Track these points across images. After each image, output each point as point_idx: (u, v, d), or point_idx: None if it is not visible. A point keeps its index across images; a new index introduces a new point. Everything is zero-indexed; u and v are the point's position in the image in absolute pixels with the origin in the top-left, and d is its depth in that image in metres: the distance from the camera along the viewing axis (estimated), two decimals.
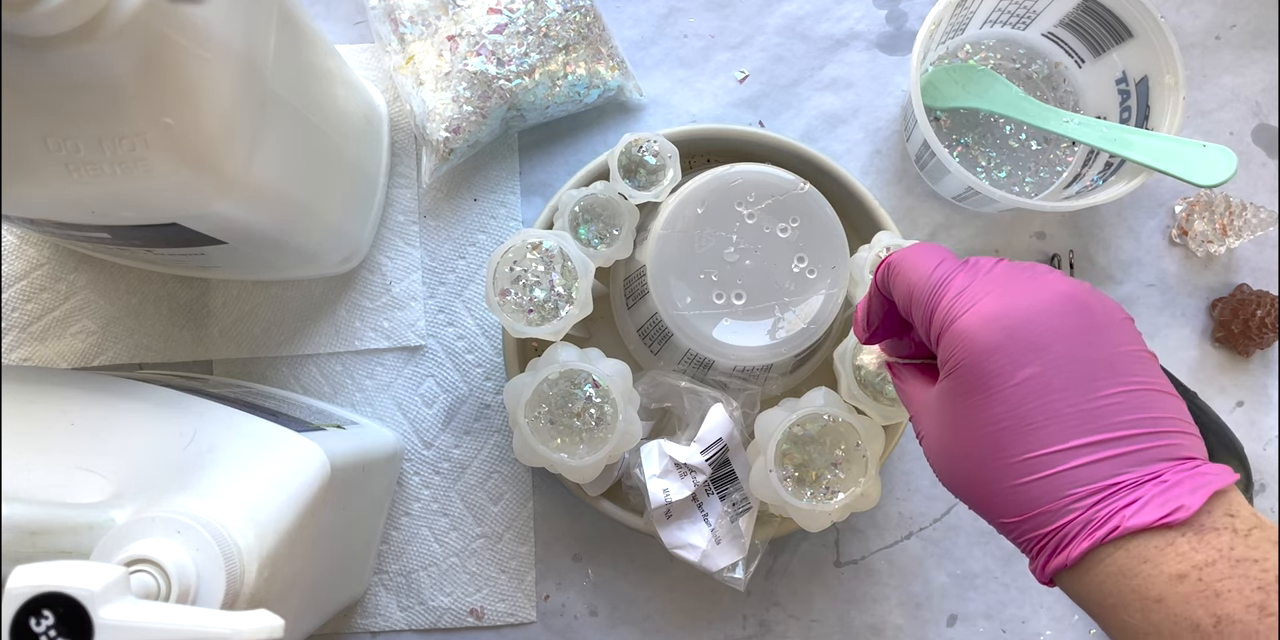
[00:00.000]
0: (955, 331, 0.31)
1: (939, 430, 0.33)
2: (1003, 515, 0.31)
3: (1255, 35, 0.62)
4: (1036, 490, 0.30)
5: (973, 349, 0.31)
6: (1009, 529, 0.31)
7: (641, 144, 0.51)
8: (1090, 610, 0.30)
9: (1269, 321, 0.57)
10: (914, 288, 0.34)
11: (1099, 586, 0.29)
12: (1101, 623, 0.30)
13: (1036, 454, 0.30)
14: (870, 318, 0.39)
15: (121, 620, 0.28)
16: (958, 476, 0.32)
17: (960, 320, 0.31)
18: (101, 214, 0.40)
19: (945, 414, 0.33)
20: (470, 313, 0.59)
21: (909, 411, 0.37)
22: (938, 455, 0.33)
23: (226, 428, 0.42)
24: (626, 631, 0.57)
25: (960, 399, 0.32)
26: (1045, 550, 0.30)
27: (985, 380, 0.31)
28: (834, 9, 0.62)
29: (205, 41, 0.35)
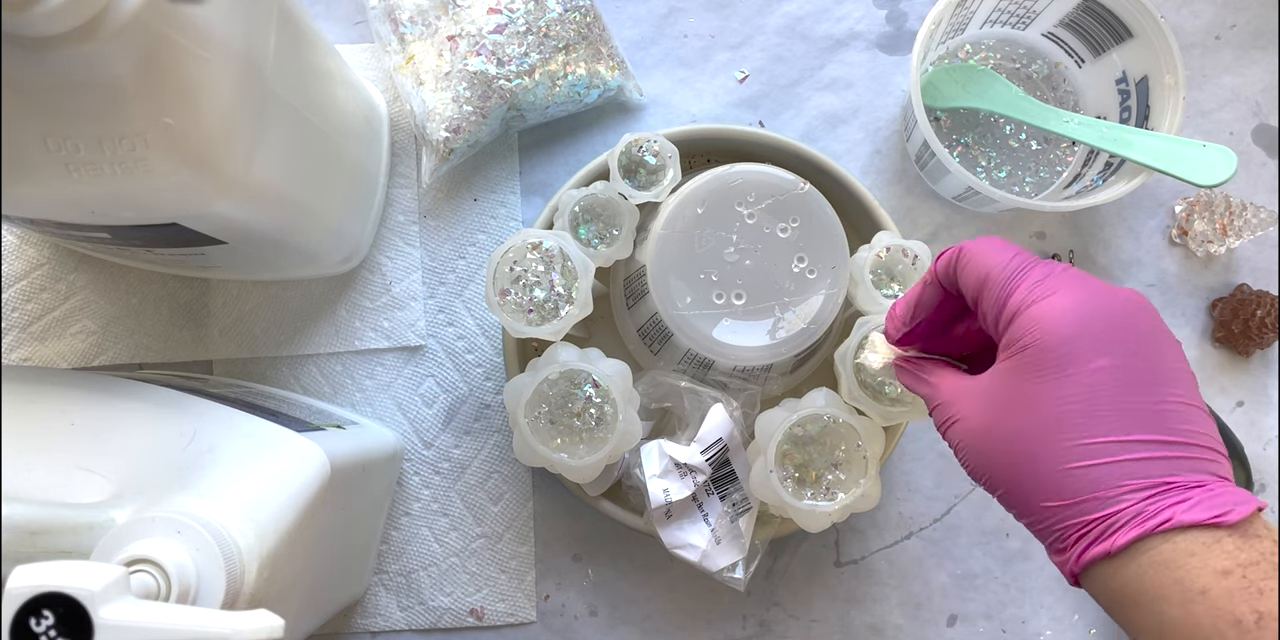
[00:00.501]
0: (1033, 315, 0.32)
1: (985, 411, 0.33)
2: (1047, 498, 0.31)
3: (1255, 35, 0.62)
4: (1091, 476, 0.30)
5: (1050, 332, 0.32)
6: (1047, 514, 0.31)
7: (641, 144, 0.51)
8: (1120, 603, 0.30)
9: (1269, 321, 0.57)
10: (991, 271, 0.35)
11: (1139, 577, 0.29)
12: (1130, 617, 0.30)
13: (1097, 441, 0.30)
14: (917, 310, 0.39)
15: (121, 620, 0.28)
16: (1001, 456, 0.33)
17: (1040, 305, 0.32)
18: (101, 214, 0.40)
19: (1000, 394, 0.33)
20: (470, 313, 0.59)
21: (934, 400, 0.37)
22: (980, 435, 0.34)
23: (226, 428, 0.42)
24: (626, 631, 0.57)
25: (1027, 378, 0.32)
26: (1087, 537, 0.30)
27: (1060, 363, 0.31)
28: (834, 9, 0.62)
29: (205, 41, 0.35)
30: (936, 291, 0.38)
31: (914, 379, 0.39)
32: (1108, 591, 0.31)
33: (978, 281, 0.35)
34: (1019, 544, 0.58)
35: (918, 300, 0.38)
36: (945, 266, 0.37)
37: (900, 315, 0.39)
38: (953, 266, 0.37)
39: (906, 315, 0.39)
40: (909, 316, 0.39)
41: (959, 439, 0.35)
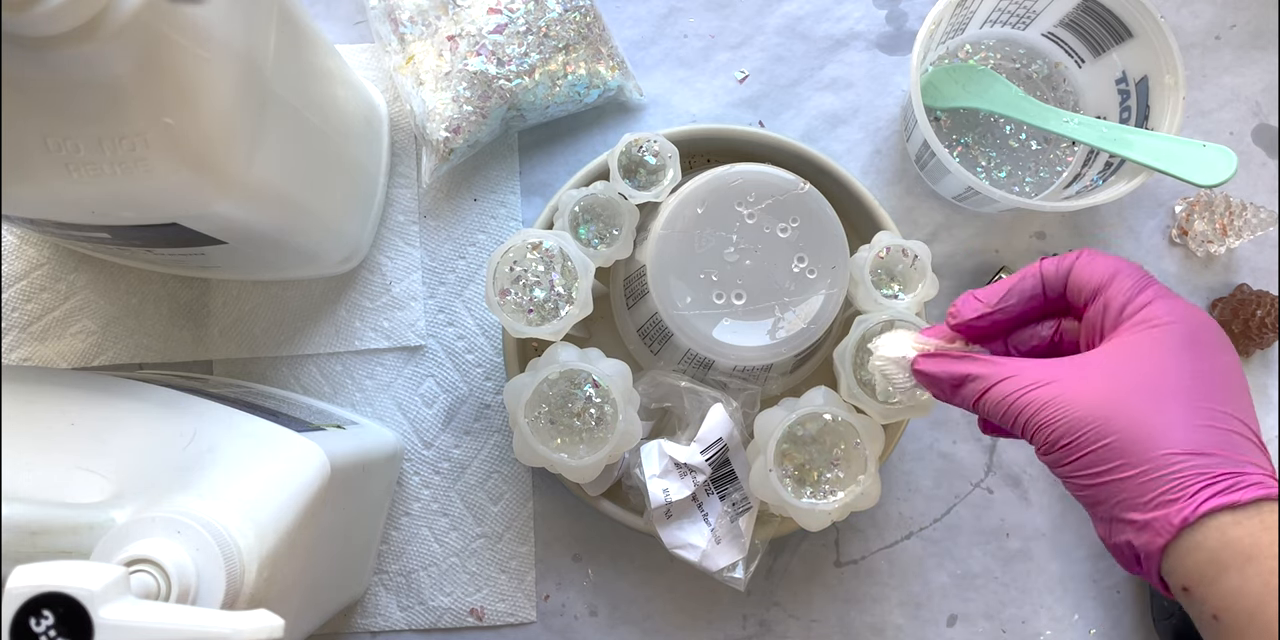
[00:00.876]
0: (1173, 305, 0.36)
1: (1100, 372, 0.36)
2: (1172, 446, 0.33)
3: (1255, 35, 0.62)
4: (1220, 436, 0.33)
5: (1188, 320, 0.36)
6: (1169, 462, 0.33)
7: (641, 144, 0.51)
8: (1229, 557, 0.32)
9: (1269, 321, 0.57)
10: (1122, 269, 0.38)
11: (1257, 531, 0.31)
12: (1241, 571, 0.31)
13: (1228, 411, 0.34)
14: (1008, 295, 0.40)
15: (121, 620, 0.28)
16: (1124, 409, 0.34)
17: (1174, 300, 0.37)
18: (101, 214, 0.40)
19: (1122, 359, 0.36)
20: (470, 313, 0.59)
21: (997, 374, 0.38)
22: (1093, 391, 0.35)
23: (226, 428, 0.42)
24: (626, 631, 0.57)
25: (1160, 349, 0.35)
26: (1213, 487, 0.32)
27: (1202, 344, 0.35)
28: (834, 9, 0.62)
29: (205, 41, 0.35)
30: (1035, 284, 0.40)
31: (954, 362, 0.40)
32: (1219, 543, 0.32)
33: (1108, 272, 0.38)
34: (1019, 544, 0.58)
35: (1013, 287, 0.40)
36: (1058, 265, 0.39)
37: (986, 297, 0.40)
38: (1066, 267, 0.39)
39: (994, 298, 0.40)
40: (997, 300, 0.40)
41: (1062, 393, 0.36)
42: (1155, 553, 0.33)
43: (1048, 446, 0.36)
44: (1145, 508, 0.33)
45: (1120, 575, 0.59)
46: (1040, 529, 0.58)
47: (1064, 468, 0.36)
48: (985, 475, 0.59)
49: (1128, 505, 0.34)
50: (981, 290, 0.41)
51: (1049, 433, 0.35)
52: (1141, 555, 0.34)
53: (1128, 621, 0.58)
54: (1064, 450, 0.35)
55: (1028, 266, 0.40)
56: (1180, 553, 0.33)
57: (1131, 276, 0.37)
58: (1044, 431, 0.35)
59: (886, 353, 0.42)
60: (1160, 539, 0.33)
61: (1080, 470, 0.35)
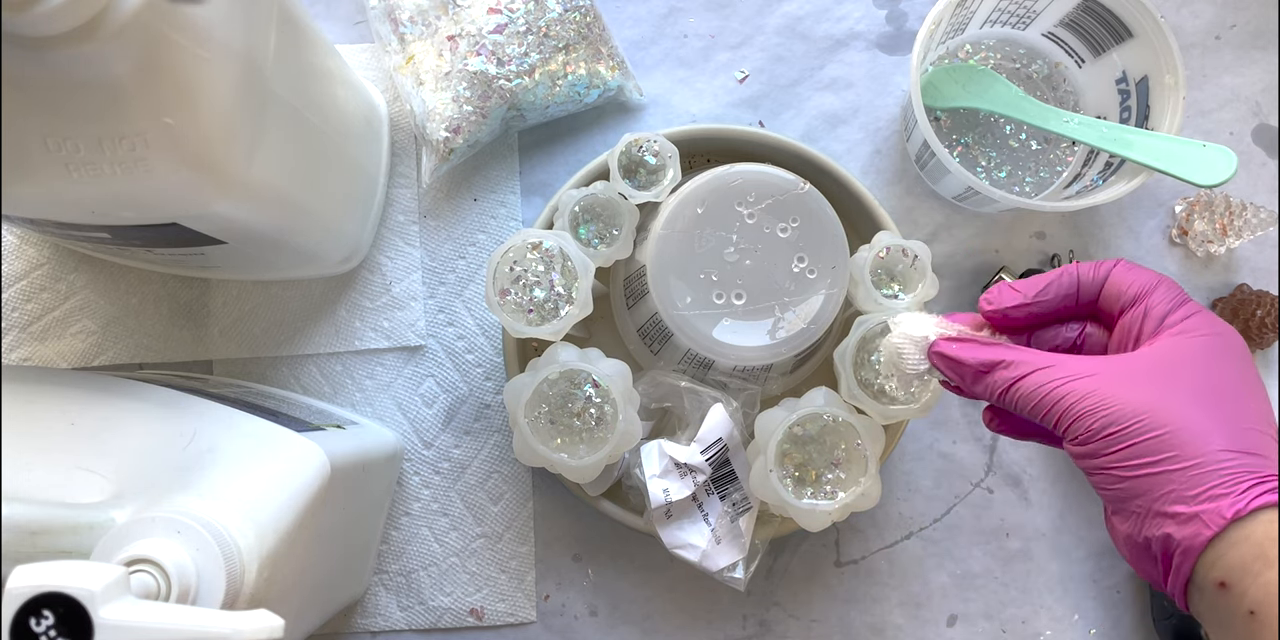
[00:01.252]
0: (1216, 320, 0.38)
1: (1152, 368, 0.36)
2: (1224, 443, 0.34)
3: (1255, 35, 0.62)
4: (1265, 441, 0.34)
5: (1230, 335, 0.38)
6: (1222, 458, 0.33)
7: (641, 144, 0.51)
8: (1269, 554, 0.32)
9: (1269, 321, 0.57)
10: (1164, 280, 0.39)
11: None
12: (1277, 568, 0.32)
13: (1267, 421, 0.35)
14: (1047, 289, 0.40)
15: (121, 620, 0.28)
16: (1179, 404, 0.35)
17: (1215, 316, 0.38)
18: (101, 214, 0.40)
19: (1173, 359, 0.37)
20: (470, 313, 0.59)
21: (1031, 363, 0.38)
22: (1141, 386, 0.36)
23: (226, 428, 0.42)
24: (626, 631, 0.57)
25: (1209, 354, 0.37)
26: (1263, 485, 0.33)
27: (1240, 358, 0.37)
28: (834, 9, 0.62)
29: (205, 41, 0.35)
30: (1072, 283, 0.40)
31: (984, 348, 0.40)
32: (1266, 537, 0.32)
33: (1149, 281, 0.39)
34: (1019, 544, 0.58)
35: (1051, 282, 0.40)
36: (1096, 270, 0.40)
37: (1024, 288, 0.40)
38: (1103, 273, 0.40)
39: (1032, 291, 0.40)
40: (1035, 293, 0.40)
41: (1105, 385, 0.36)
42: (1199, 546, 0.33)
43: (1088, 435, 0.35)
44: (1194, 501, 0.33)
45: (1120, 575, 0.59)
46: (1040, 529, 0.58)
47: (1103, 458, 0.35)
48: (985, 475, 0.59)
49: (1173, 498, 0.33)
50: (1018, 282, 0.41)
51: (1092, 421, 0.35)
52: (1180, 549, 0.33)
53: (1128, 621, 0.58)
54: (1107, 439, 0.35)
55: (1063, 266, 0.41)
56: (1224, 546, 0.32)
57: (1173, 289, 0.39)
58: (1087, 420, 0.35)
59: (908, 330, 0.42)
60: (1208, 531, 0.32)
61: (1122, 461, 0.35)
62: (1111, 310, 0.40)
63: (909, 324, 0.42)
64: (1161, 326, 0.38)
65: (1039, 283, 0.40)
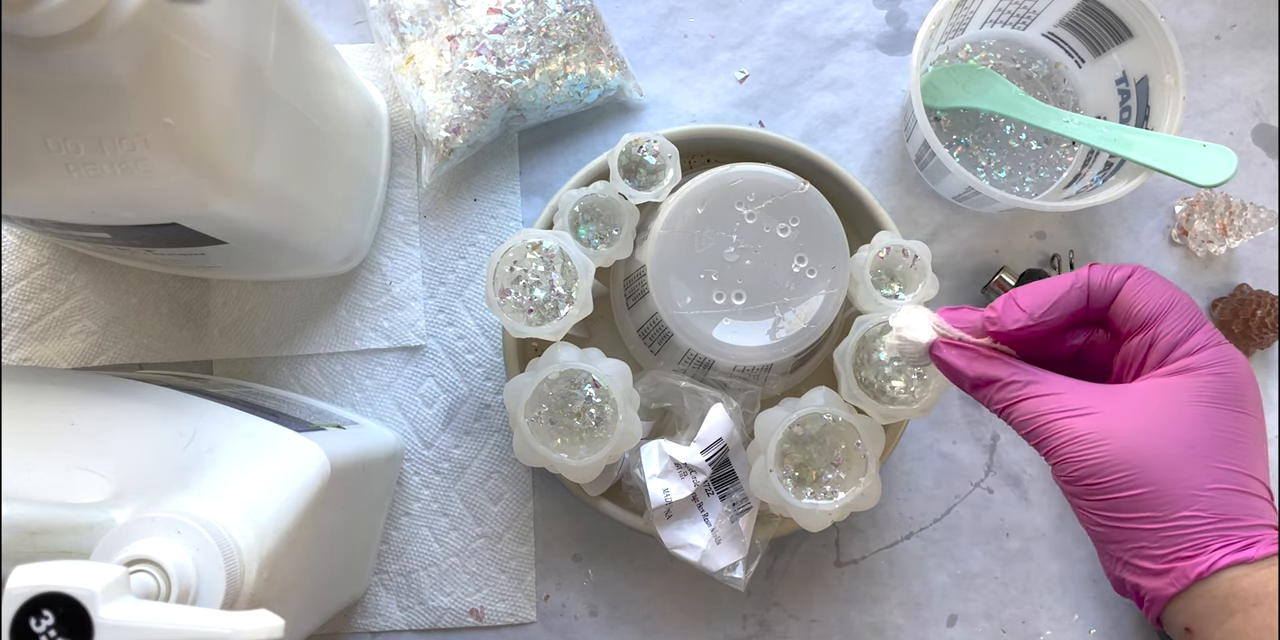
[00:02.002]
0: (1226, 353, 0.37)
1: (1147, 414, 0.36)
2: (1199, 507, 0.34)
3: (1255, 35, 0.62)
4: (1242, 501, 0.34)
5: (1238, 372, 0.36)
6: (1190, 520, 0.34)
7: (641, 144, 0.51)
8: (1238, 603, 0.33)
9: (1269, 321, 0.57)
10: (1179, 301, 0.38)
11: (1266, 582, 0.33)
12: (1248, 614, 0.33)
13: (1252, 474, 0.35)
14: (1053, 308, 0.39)
15: (121, 620, 0.28)
16: (1164, 458, 0.35)
17: (1227, 347, 0.37)
18: (101, 214, 0.40)
19: (1166, 404, 0.36)
20: (470, 313, 0.59)
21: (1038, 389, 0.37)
22: (1140, 433, 0.35)
23: (226, 428, 0.42)
24: (626, 631, 0.57)
25: (1205, 401, 0.36)
26: (1229, 546, 0.34)
27: (1241, 400, 0.36)
28: (834, 9, 0.62)
29: (205, 41, 0.35)
30: (1081, 297, 0.39)
31: (985, 362, 0.39)
32: (1228, 592, 0.33)
33: (1161, 304, 0.38)
34: (1019, 544, 0.58)
35: (1060, 299, 0.39)
36: (1109, 279, 0.39)
37: (1029, 308, 0.39)
38: (1117, 283, 0.38)
39: (1038, 311, 0.39)
40: (1041, 313, 0.39)
41: (1098, 428, 0.36)
42: (1164, 600, 0.34)
43: (1072, 479, 0.36)
44: (1161, 560, 0.34)
45: None
46: (1040, 529, 0.58)
47: (1084, 501, 0.36)
48: (985, 475, 0.59)
49: (1143, 553, 0.35)
50: (1025, 295, 0.39)
51: (1077, 467, 0.35)
52: (1149, 597, 0.35)
53: (1128, 621, 0.58)
54: (1088, 487, 0.35)
55: (1074, 273, 0.39)
56: (1188, 599, 0.34)
57: (1184, 316, 0.37)
58: (1072, 465, 0.36)
59: (907, 334, 0.41)
60: (1173, 589, 0.34)
61: (1100, 509, 0.35)
62: (1119, 327, 0.39)
63: (908, 326, 0.41)
64: (1167, 360, 0.37)
65: (1046, 298, 0.39)
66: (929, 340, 0.40)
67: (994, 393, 0.38)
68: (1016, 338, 0.39)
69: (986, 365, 0.39)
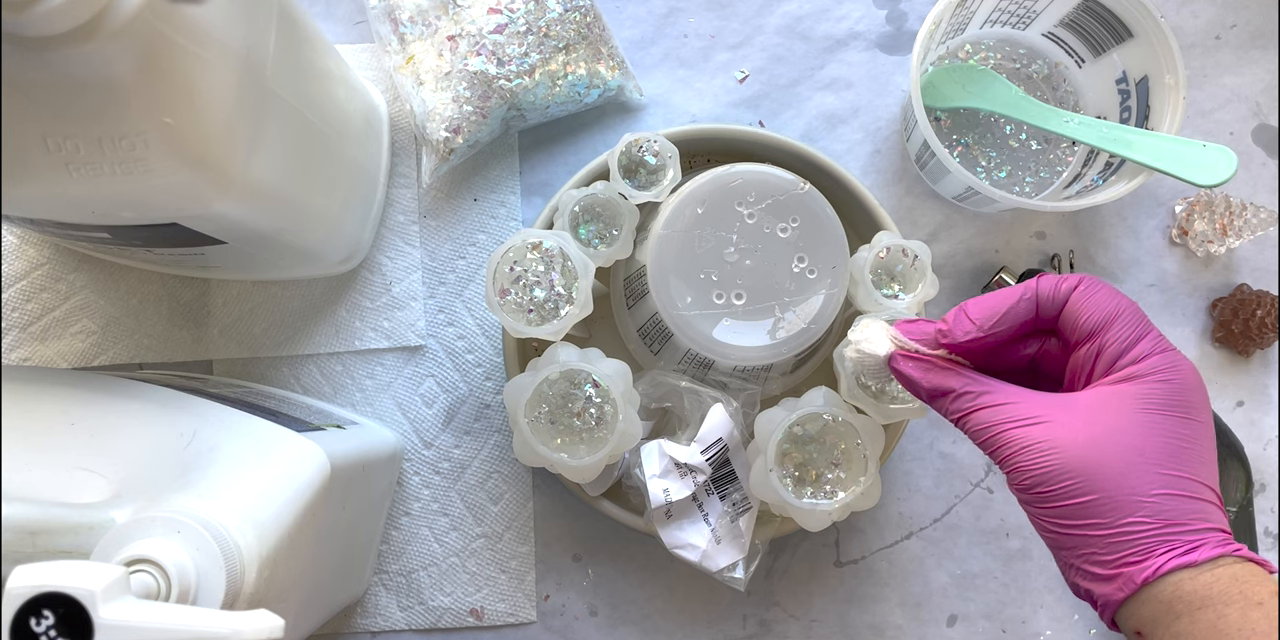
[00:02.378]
0: (1171, 360, 0.37)
1: (1093, 422, 0.36)
2: (1144, 513, 0.35)
3: (1255, 35, 0.62)
4: (1188, 505, 0.35)
5: (1185, 379, 0.37)
6: (1135, 525, 0.34)
7: (641, 144, 0.51)
8: (1184, 606, 0.34)
9: (1269, 321, 0.57)
10: (1123, 310, 0.38)
11: (1210, 585, 0.34)
12: (1194, 617, 0.34)
13: (1198, 479, 0.35)
14: (1002, 321, 0.39)
15: (121, 620, 0.28)
16: (1109, 467, 0.35)
17: (1172, 354, 0.37)
18: (101, 214, 0.40)
19: (1112, 411, 0.36)
20: (470, 313, 0.59)
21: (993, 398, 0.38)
22: (1087, 443, 0.36)
23: (226, 428, 0.42)
24: (626, 631, 0.57)
25: (1151, 408, 0.36)
26: (1174, 551, 0.34)
27: (1186, 406, 0.36)
28: (834, 9, 0.62)
29: (205, 41, 0.35)
30: (1029, 308, 0.39)
31: (940, 373, 0.39)
32: (1174, 596, 0.34)
33: (1107, 314, 0.38)
34: (1019, 544, 0.58)
35: (1008, 311, 0.39)
36: (1056, 290, 0.39)
37: (979, 320, 0.39)
38: (1064, 294, 0.39)
39: (987, 323, 0.39)
40: (990, 324, 0.39)
41: (1049, 438, 0.36)
42: (1114, 604, 0.35)
43: (1023, 488, 0.37)
44: (1110, 565, 0.35)
45: None
46: None
47: (1036, 509, 0.37)
48: (985, 475, 0.59)
49: (1092, 559, 0.35)
50: (975, 307, 0.40)
51: (1027, 476, 0.36)
52: (1100, 602, 0.36)
53: None
54: (1038, 495, 0.36)
55: (1024, 284, 0.39)
56: (1137, 604, 0.35)
57: (1130, 324, 0.38)
58: (1023, 474, 0.36)
59: (865, 347, 0.42)
60: (1121, 594, 0.35)
61: (1052, 517, 0.36)
62: (1067, 337, 0.39)
63: (867, 339, 0.42)
64: (1113, 368, 0.37)
65: (995, 310, 0.39)
66: (886, 352, 0.41)
67: (949, 403, 0.39)
68: (968, 349, 0.40)
69: (941, 376, 0.39)
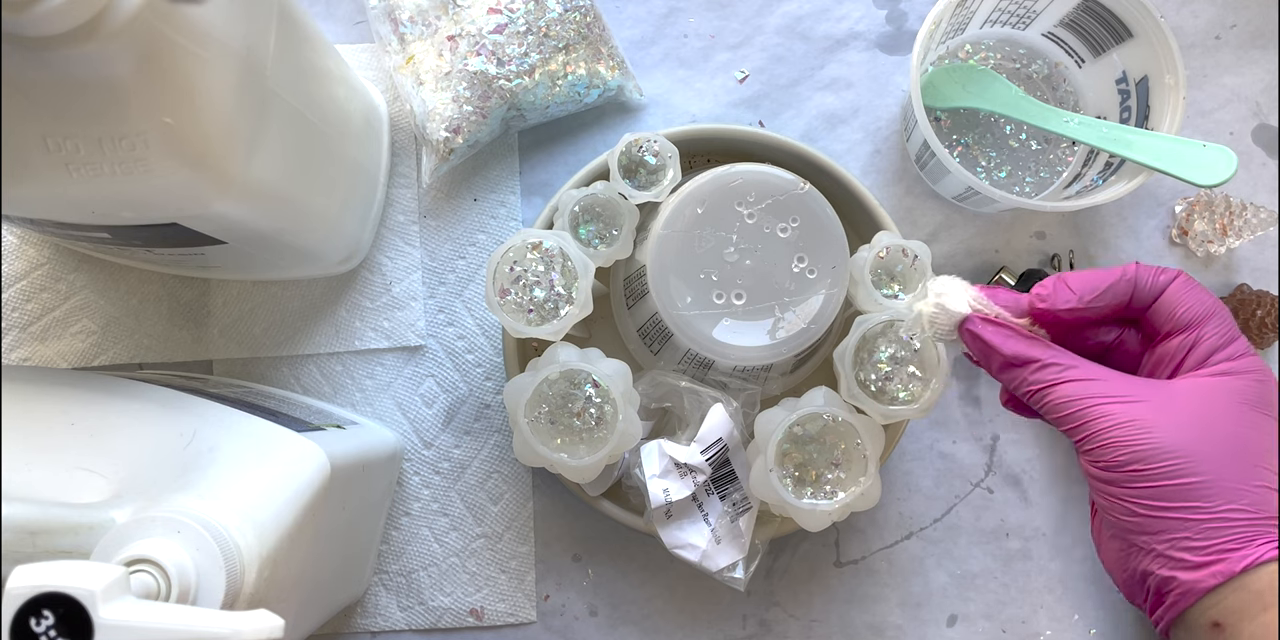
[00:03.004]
0: (1262, 363, 0.38)
1: (1197, 410, 0.36)
2: (1244, 501, 0.34)
3: (1255, 35, 0.62)
4: (1275, 498, 0.35)
5: (1273, 380, 0.37)
6: (1235, 513, 0.34)
7: (641, 144, 0.51)
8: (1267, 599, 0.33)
9: (1269, 321, 0.57)
10: (1219, 309, 0.39)
11: None
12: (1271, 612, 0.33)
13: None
14: (1102, 296, 0.38)
15: (121, 620, 0.28)
16: (1217, 454, 0.35)
17: (1257, 356, 0.38)
18: (101, 214, 0.40)
19: (1214, 402, 0.36)
20: (470, 313, 0.59)
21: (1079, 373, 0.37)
22: (1180, 426, 0.35)
23: (226, 428, 0.42)
24: (626, 631, 0.57)
25: (1249, 404, 0.36)
26: (1270, 543, 0.34)
27: (1271, 404, 0.37)
28: (834, 9, 0.62)
29: (205, 41, 0.35)
30: (1127, 290, 0.39)
31: (1025, 342, 0.38)
32: (1266, 586, 0.33)
33: (1206, 309, 0.38)
34: (1019, 544, 0.58)
35: (1109, 288, 0.39)
36: (1155, 279, 0.39)
37: (1079, 292, 0.39)
38: (1161, 285, 0.38)
39: (1088, 296, 0.38)
40: (1090, 298, 0.38)
41: (1146, 417, 0.35)
42: (1200, 592, 0.34)
43: (1114, 465, 0.35)
44: (1203, 551, 0.34)
45: None
46: (1040, 529, 0.58)
47: (1122, 489, 0.35)
48: (985, 475, 0.59)
49: (1183, 545, 0.34)
50: (1076, 279, 0.39)
51: (1122, 452, 0.35)
52: (1180, 590, 0.34)
53: (1128, 621, 0.58)
54: (1132, 473, 0.35)
55: (1122, 267, 0.39)
56: (1224, 592, 0.34)
57: (1225, 323, 0.38)
58: (1116, 449, 0.35)
59: (946, 302, 0.40)
60: (1212, 582, 0.34)
61: (1142, 498, 0.35)
62: (1158, 327, 0.39)
63: (947, 293, 0.40)
64: (1207, 362, 0.37)
65: (1096, 285, 0.39)
66: (965, 312, 0.39)
67: (1029, 373, 0.37)
68: (1060, 321, 0.39)
69: (1024, 345, 0.38)
